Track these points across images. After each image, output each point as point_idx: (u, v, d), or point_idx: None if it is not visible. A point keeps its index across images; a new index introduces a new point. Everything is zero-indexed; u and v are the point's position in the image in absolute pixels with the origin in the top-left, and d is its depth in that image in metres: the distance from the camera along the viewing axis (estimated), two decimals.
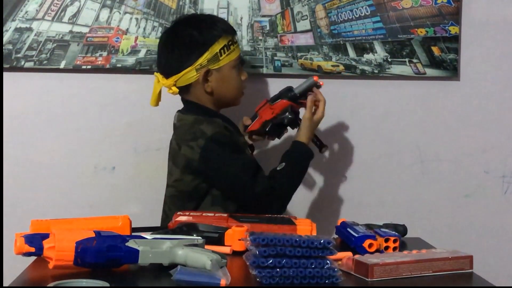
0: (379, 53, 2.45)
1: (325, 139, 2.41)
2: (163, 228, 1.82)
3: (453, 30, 2.46)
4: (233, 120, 2.19)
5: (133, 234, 1.69)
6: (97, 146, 2.43)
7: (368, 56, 2.45)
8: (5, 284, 1.67)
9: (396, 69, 2.46)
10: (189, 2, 2.41)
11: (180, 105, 2.18)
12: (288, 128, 2.22)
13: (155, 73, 2.15)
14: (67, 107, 2.42)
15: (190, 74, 2.09)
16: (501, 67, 2.52)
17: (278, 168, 2.08)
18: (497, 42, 2.51)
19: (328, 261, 1.44)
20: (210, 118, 2.09)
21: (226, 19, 2.40)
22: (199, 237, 1.59)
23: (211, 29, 2.10)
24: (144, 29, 2.41)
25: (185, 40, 2.10)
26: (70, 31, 2.38)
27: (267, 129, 2.18)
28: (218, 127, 2.06)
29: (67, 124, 2.42)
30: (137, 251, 1.48)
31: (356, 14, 2.45)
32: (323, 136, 2.39)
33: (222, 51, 2.09)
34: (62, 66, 2.38)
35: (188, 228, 1.73)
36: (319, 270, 1.42)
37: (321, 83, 2.19)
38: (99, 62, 2.39)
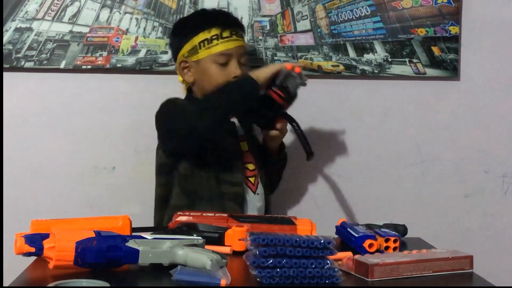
0: (379, 53, 2.45)
1: (325, 139, 2.41)
2: (163, 228, 1.81)
3: (453, 30, 2.46)
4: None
5: (133, 234, 1.69)
6: (97, 146, 2.43)
7: (368, 56, 2.46)
8: (5, 284, 1.67)
9: (396, 69, 2.46)
10: (189, 2, 2.41)
11: None
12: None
13: None
14: (67, 107, 2.42)
15: (177, 64, 2.17)
16: (501, 67, 2.52)
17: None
18: (497, 42, 2.51)
19: (328, 261, 1.44)
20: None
21: None
22: (199, 237, 1.59)
23: (195, 22, 2.15)
24: (144, 29, 2.41)
25: (174, 32, 2.22)
26: (70, 31, 2.38)
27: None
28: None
29: (67, 124, 2.42)
30: (137, 251, 1.48)
31: (356, 14, 2.45)
32: (323, 136, 2.40)
33: (201, 44, 2.11)
34: (62, 66, 2.39)
35: (188, 228, 1.73)
36: (319, 270, 1.42)
37: (296, 69, 2.04)
38: (99, 62, 2.39)
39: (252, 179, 2.16)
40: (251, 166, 2.16)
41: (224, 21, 2.14)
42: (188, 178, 2.09)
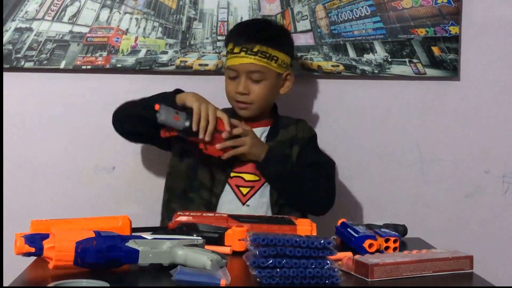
0: (379, 53, 2.45)
1: (325, 139, 2.41)
2: (163, 228, 1.82)
3: (453, 30, 2.46)
4: None
5: (133, 234, 1.69)
6: (97, 146, 2.43)
7: (368, 56, 2.46)
8: (5, 284, 1.67)
9: (396, 69, 2.46)
10: (189, 2, 2.42)
11: None
12: None
13: None
14: (67, 107, 2.42)
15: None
16: (501, 67, 2.52)
17: None
18: (497, 42, 2.51)
19: (328, 261, 1.44)
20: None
21: (226, 19, 2.41)
22: (199, 237, 1.59)
23: (231, 31, 2.25)
24: (144, 29, 2.41)
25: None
26: (70, 31, 2.38)
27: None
28: None
29: (67, 124, 2.42)
30: (137, 251, 1.48)
31: (356, 14, 2.45)
32: (323, 136, 2.40)
33: (226, 54, 2.20)
34: (62, 66, 2.38)
35: (188, 228, 1.73)
36: (319, 270, 1.42)
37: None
38: (99, 62, 2.39)
39: (244, 190, 2.14)
40: (248, 177, 2.14)
41: (240, 37, 2.15)
42: (169, 174, 2.20)
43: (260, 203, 2.13)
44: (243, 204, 2.13)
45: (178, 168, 2.16)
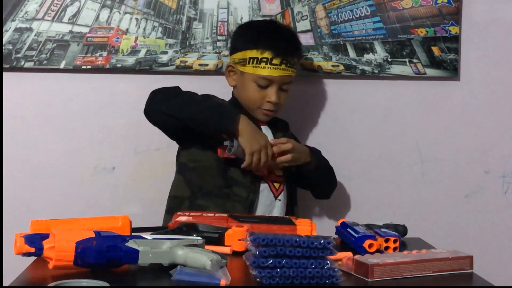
0: (379, 53, 2.45)
1: (325, 139, 2.41)
2: (163, 228, 1.82)
3: (453, 30, 2.46)
4: None
5: (133, 234, 1.69)
6: (97, 146, 2.43)
7: (368, 56, 2.46)
8: (5, 284, 1.67)
9: (396, 69, 2.46)
10: (189, 2, 2.42)
11: None
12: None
13: None
14: (67, 107, 2.42)
15: (226, 65, 2.24)
16: (501, 67, 2.52)
17: None
18: (497, 42, 2.51)
19: (328, 261, 1.44)
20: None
21: (226, 19, 2.41)
22: (199, 237, 1.59)
23: (255, 35, 2.16)
24: (144, 29, 2.41)
25: (236, 33, 2.27)
26: (70, 31, 2.38)
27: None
28: None
29: (67, 124, 2.42)
30: (137, 251, 1.48)
31: (356, 14, 2.45)
32: (323, 136, 2.40)
33: (251, 60, 2.13)
34: (62, 66, 2.39)
35: (188, 228, 1.73)
36: (319, 270, 1.42)
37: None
38: (99, 62, 2.39)
39: (277, 185, 2.15)
40: (278, 172, 2.15)
41: (280, 47, 2.13)
42: (191, 168, 2.12)
43: (285, 197, 2.18)
44: (276, 198, 2.15)
45: (206, 163, 2.10)
